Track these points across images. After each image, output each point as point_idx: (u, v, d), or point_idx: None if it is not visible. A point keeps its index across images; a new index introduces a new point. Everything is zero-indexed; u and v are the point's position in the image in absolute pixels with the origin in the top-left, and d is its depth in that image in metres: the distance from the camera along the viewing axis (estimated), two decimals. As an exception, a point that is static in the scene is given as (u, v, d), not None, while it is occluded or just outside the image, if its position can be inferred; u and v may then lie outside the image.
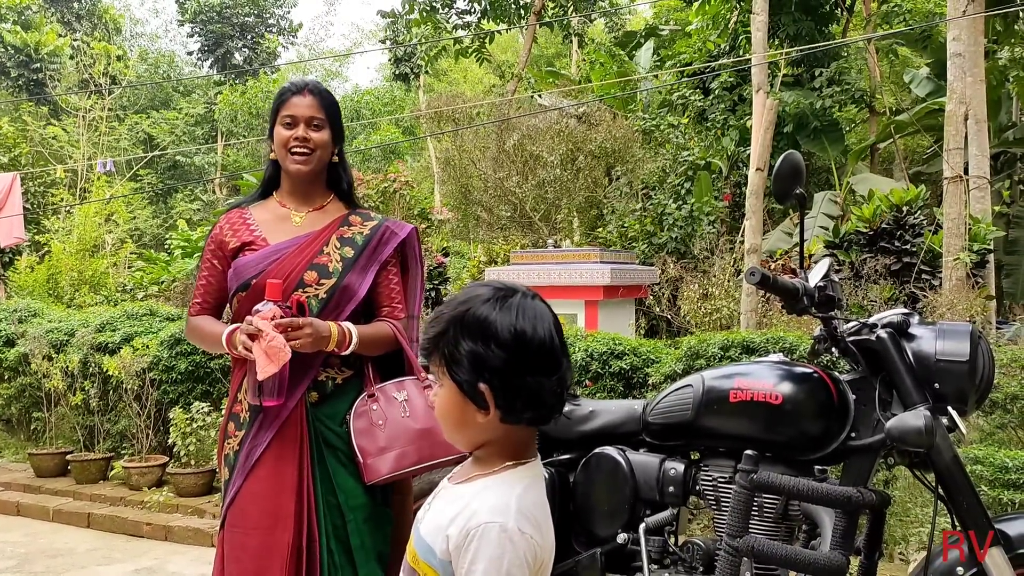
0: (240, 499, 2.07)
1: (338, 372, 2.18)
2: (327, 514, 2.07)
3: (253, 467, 2.07)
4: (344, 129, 2.33)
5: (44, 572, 4.40)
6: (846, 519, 2.05)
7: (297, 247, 2.18)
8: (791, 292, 2.16)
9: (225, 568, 2.06)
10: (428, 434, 2.11)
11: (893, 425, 1.99)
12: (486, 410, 1.25)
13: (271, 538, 2.02)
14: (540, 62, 21.47)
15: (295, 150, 2.18)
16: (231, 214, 2.30)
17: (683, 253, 8.55)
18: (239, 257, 2.20)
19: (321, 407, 2.14)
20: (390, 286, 2.28)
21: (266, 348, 1.93)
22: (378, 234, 2.27)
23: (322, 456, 2.10)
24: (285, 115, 2.20)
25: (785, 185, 2.20)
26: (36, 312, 7.01)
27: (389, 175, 9.73)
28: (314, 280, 2.15)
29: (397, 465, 2.09)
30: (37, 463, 6.19)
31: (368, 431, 2.11)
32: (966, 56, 6.64)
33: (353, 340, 2.11)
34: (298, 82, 2.25)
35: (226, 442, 2.18)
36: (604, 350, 4.55)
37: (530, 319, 1.25)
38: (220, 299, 2.28)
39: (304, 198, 2.28)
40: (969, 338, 2.12)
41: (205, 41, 25.87)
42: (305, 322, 2.01)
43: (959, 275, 6.08)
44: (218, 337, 2.12)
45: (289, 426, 2.09)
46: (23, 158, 14.66)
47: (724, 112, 10.71)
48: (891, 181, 10.63)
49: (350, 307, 2.18)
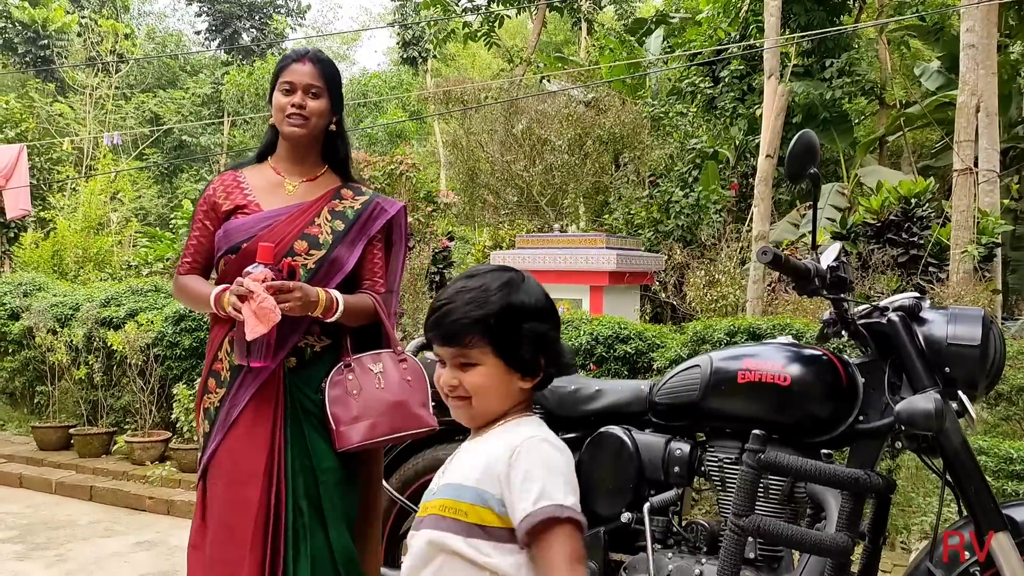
0: (218, 454, 2.16)
1: (317, 340, 2.23)
2: (299, 475, 2.14)
3: (232, 425, 2.15)
4: (344, 99, 2.36)
5: (45, 543, 4.42)
6: (852, 501, 2.04)
7: (289, 216, 2.22)
8: (802, 272, 2.15)
9: (206, 516, 2.17)
10: (401, 406, 2.20)
11: (902, 408, 1.97)
12: (532, 376, 1.39)
13: (242, 493, 2.10)
14: (549, 48, 21.37)
15: (292, 115, 2.22)
16: (225, 176, 2.33)
17: (689, 241, 8.52)
18: (231, 220, 2.24)
19: (298, 373, 2.19)
20: (374, 260, 2.33)
21: (256, 309, 1.96)
22: (368, 209, 2.32)
23: (297, 419, 2.17)
24: (284, 81, 2.24)
25: (799, 164, 2.18)
26: (41, 286, 7.01)
27: (395, 157, 9.70)
28: (304, 250, 2.19)
29: (368, 434, 2.15)
30: (40, 436, 6.20)
31: (342, 399, 2.17)
32: (979, 47, 6.60)
33: (339, 308, 2.16)
34: (300, 50, 2.29)
35: (206, 396, 2.25)
36: (609, 334, 4.54)
37: (542, 288, 1.44)
38: (209, 259, 2.31)
39: (298, 165, 2.32)
40: (981, 323, 2.10)
41: (213, 21, 25.80)
42: (295, 286, 2.05)
43: (966, 268, 6.06)
44: (206, 297, 2.17)
45: (267, 389, 2.14)
46: (29, 134, 14.64)
47: (733, 101, 10.64)
48: (899, 174, 10.58)
49: (337, 279, 2.22)
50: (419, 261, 7.95)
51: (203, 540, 2.16)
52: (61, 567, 4.06)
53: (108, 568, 4.06)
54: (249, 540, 2.07)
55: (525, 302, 1.37)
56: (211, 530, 2.15)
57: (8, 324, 6.58)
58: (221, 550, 2.11)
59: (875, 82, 11.65)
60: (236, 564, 2.08)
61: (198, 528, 2.19)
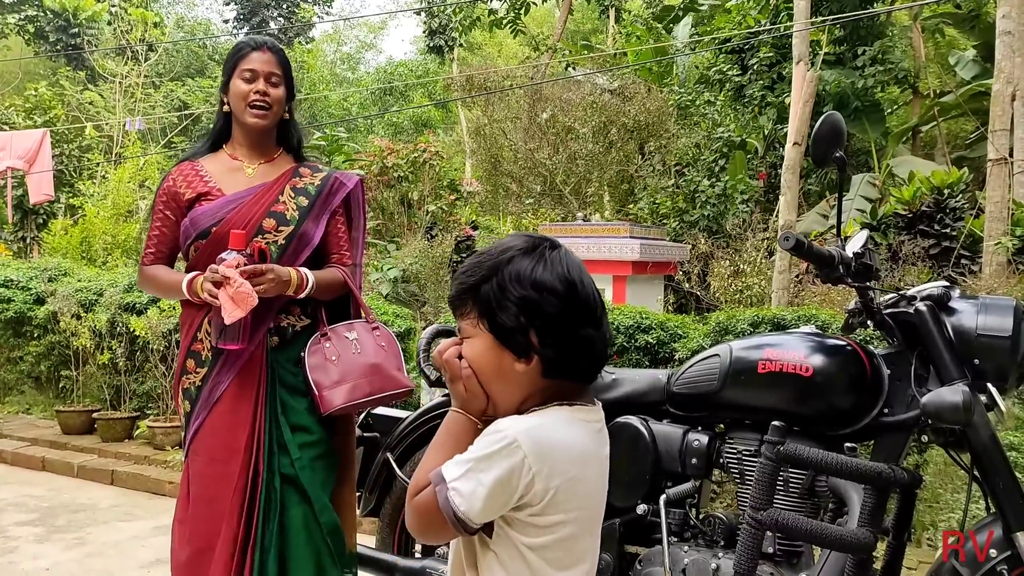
0: (202, 432, 2.23)
1: (298, 319, 2.33)
2: (276, 452, 2.21)
3: (215, 403, 2.22)
4: (295, 87, 2.44)
5: (66, 526, 4.45)
6: (875, 496, 1.97)
7: (253, 196, 2.28)
8: (826, 259, 2.08)
9: (191, 491, 2.23)
10: (379, 368, 2.30)
11: (929, 400, 1.90)
12: (526, 359, 1.23)
13: (225, 468, 2.19)
14: (576, 37, 21.21)
15: (255, 103, 2.28)
16: (182, 166, 2.38)
17: (715, 231, 8.41)
18: (195, 207, 2.28)
19: (281, 351, 2.28)
20: (338, 234, 2.41)
21: (234, 295, 2.04)
22: (328, 184, 2.39)
23: (276, 396, 2.25)
24: (245, 69, 2.29)
25: (824, 147, 2.11)
26: (66, 271, 7.07)
27: (419, 145, 9.66)
28: (272, 227, 2.27)
29: (351, 396, 2.24)
30: (64, 420, 6.26)
31: (322, 366, 2.25)
32: (1016, 35, 6.41)
33: (310, 283, 2.24)
34: (257, 38, 2.36)
35: (185, 377, 2.30)
36: (631, 324, 4.47)
37: (577, 271, 1.26)
38: (173, 249, 2.38)
39: (256, 151, 2.38)
40: (1013, 313, 2.02)
41: (241, 9, 25.85)
42: (268, 268, 2.13)
43: (1000, 260, 5.90)
44: (177, 284, 2.24)
45: (250, 367, 2.22)
46: (59, 122, 14.79)
47: (762, 89, 10.46)
48: (932, 164, 10.36)
49: (305, 253, 2.30)
50: (442, 250, 7.92)
51: (186, 514, 2.24)
52: (80, 550, 4.08)
53: (127, 551, 4.08)
54: (226, 511, 2.16)
55: (522, 269, 1.22)
56: (192, 504, 2.22)
57: (34, 309, 6.65)
58: (202, 523, 2.19)
59: (908, 71, 11.41)
60: (213, 535, 2.16)
61: (183, 503, 2.27)
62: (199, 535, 2.19)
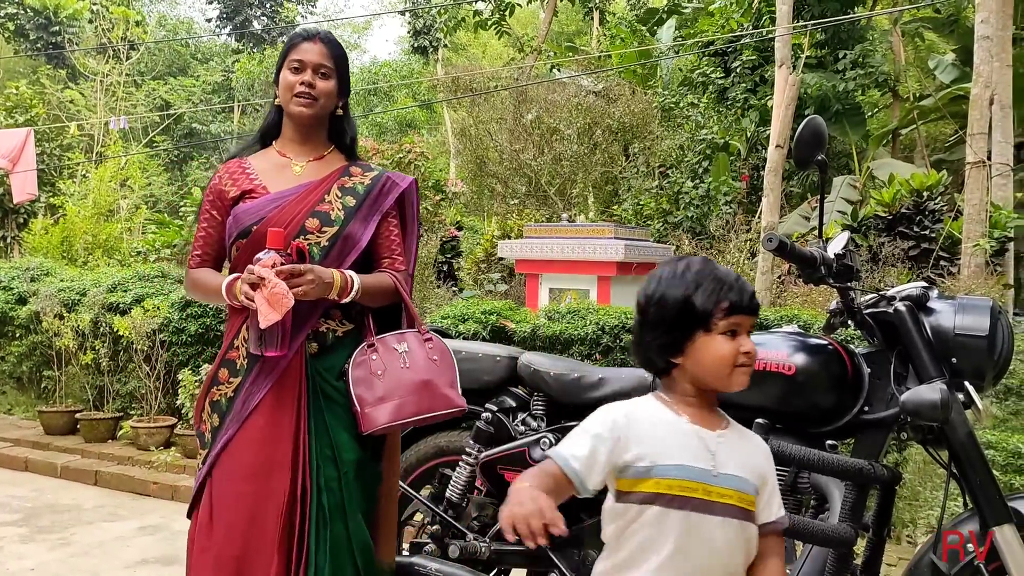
0: (234, 446, 2.04)
1: (339, 324, 2.15)
2: (321, 466, 2.04)
3: (250, 414, 2.04)
4: (351, 83, 2.30)
5: (50, 527, 4.43)
6: (856, 492, 2.01)
7: (298, 195, 2.13)
8: (808, 260, 2.12)
9: (214, 514, 2.02)
10: (427, 386, 2.10)
11: (908, 398, 1.95)
12: None
13: (268, 485, 2.00)
14: (560, 39, 21.28)
15: (300, 94, 2.15)
16: (229, 164, 2.26)
17: (698, 232, 8.47)
18: (239, 204, 2.16)
19: (320, 359, 2.10)
20: (391, 237, 2.24)
21: (268, 296, 1.89)
22: (379, 184, 2.23)
23: (319, 408, 2.08)
24: (294, 59, 2.16)
25: (807, 150, 2.15)
26: (48, 271, 7.02)
27: (404, 145, 9.67)
28: (316, 228, 2.11)
29: (395, 415, 2.06)
30: (47, 420, 6.22)
31: (366, 380, 2.08)
32: (994, 40, 6.52)
33: (355, 287, 2.07)
34: (310, 29, 2.22)
35: (216, 387, 2.13)
36: (616, 324, 4.51)
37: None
38: (220, 251, 2.23)
39: (305, 146, 2.23)
40: (989, 313, 2.06)
41: (224, 8, 25.72)
42: (307, 268, 1.96)
43: (978, 262, 6.00)
44: (218, 288, 2.08)
45: (288, 375, 2.05)
46: (40, 120, 14.68)
47: (745, 92, 10.57)
48: (912, 167, 10.49)
49: (352, 256, 2.14)
50: (427, 250, 7.94)
51: (211, 541, 2.01)
52: (65, 550, 4.07)
53: (111, 552, 4.07)
54: (273, 531, 1.98)
55: None
56: (224, 527, 2.00)
57: (16, 308, 6.61)
58: (242, 544, 1.98)
59: (888, 74, 11.56)
60: (263, 556, 1.97)
61: (204, 529, 2.03)
62: (234, 559, 1.98)
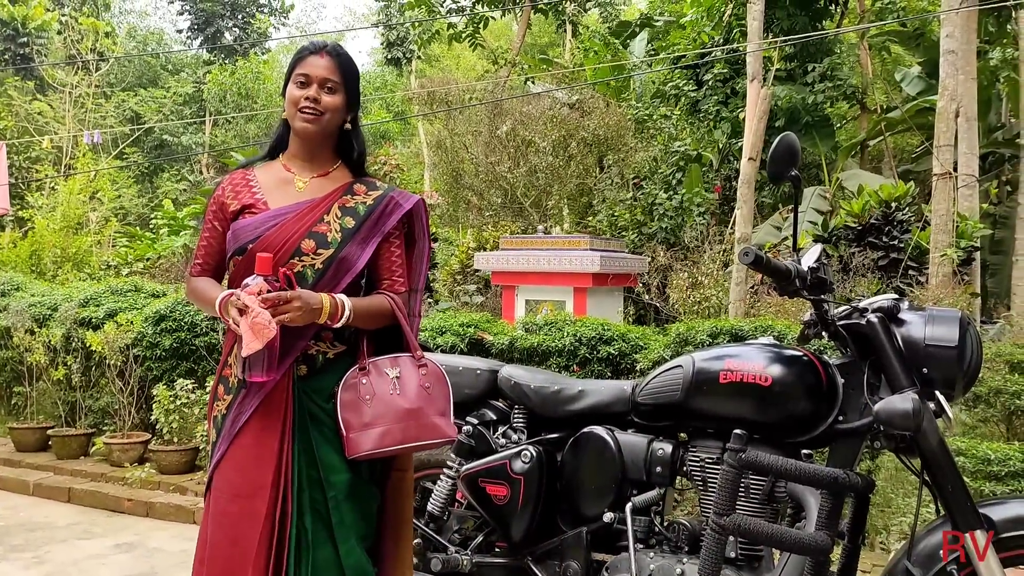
0: (223, 465, 2.05)
1: (330, 347, 2.12)
2: (306, 488, 2.03)
3: (237, 434, 2.04)
4: (360, 97, 2.25)
5: (23, 545, 4.37)
6: (832, 500, 2.05)
7: (296, 214, 2.10)
8: (783, 273, 2.16)
9: (209, 530, 2.04)
10: (415, 414, 2.06)
11: (881, 408, 1.99)
12: None
13: (250, 506, 1.99)
14: (533, 50, 21.39)
15: (304, 109, 2.11)
16: (235, 175, 2.23)
17: (673, 243, 8.55)
18: (238, 219, 2.14)
19: (308, 381, 2.08)
20: (392, 258, 2.20)
21: (251, 324, 1.87)
22: (382, 205, 2.18)
23: (305, 429, 2.05)
24: (300, 73, 2.13)
25: (781, 166, 2.20)
26: (19, 286, 6.94)
27: (379, 157, 9.68)
28: (311, 249, 2.08)
29: (379, 443, 2.03)
30: (18, 437, 6.13)
31: (354, 404, 2.05)
32: (959, 53, 6.66)
33: (346, 312, 2.04)
34: (318, 43, 2.18)
35: (215, 403, 2.15)
36: (593, 335, 4.55)
37: None
38: (220, 261, 2.22)
39: (310, 161, 2.20)
40: (959, 324, 2.12)
41: (195, 19, 25.58)
42: (293, 295, 1.94)
43: (945, 271, 6.11)
44: (213, 301, 2.06)
45: (274, 397, 2.03)
46: (8, 132, 14.50)
47: (717, 104, 10.69)
48: (880, 178, 10.66)
49: (347, 279, 2.10)
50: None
51: (203, 558, 2.04)
52: (39, 569, 4.02)
53: (87, 570, 4.02)
54: (253, 553, 1.97)
55: None
56: (211, 544, 2.03)
57: (-15, 324, 6.51)
58: (222, 565, 1.99)
59: (856, 87, 11.75)
60: None
61: (202, 542, 2.07)
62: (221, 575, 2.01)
